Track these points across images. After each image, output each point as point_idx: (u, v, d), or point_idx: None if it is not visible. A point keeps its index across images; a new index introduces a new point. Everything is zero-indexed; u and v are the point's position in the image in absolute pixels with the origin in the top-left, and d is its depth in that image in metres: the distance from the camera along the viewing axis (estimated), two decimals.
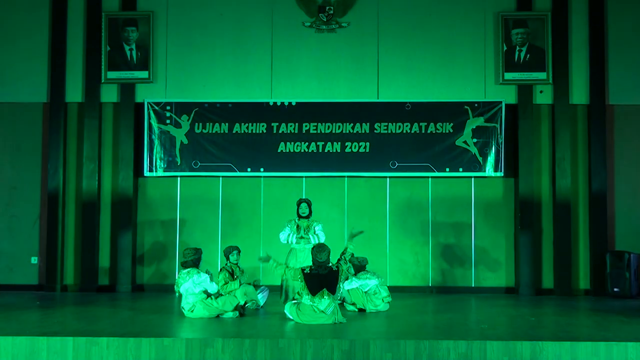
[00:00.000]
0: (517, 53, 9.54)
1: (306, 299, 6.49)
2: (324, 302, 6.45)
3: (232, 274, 7.62)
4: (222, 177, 9.60)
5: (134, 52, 9.63)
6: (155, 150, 9.58)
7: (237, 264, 7.77)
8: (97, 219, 9.64)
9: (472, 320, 7.12)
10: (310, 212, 7.73)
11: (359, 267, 7.48)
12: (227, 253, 7.82)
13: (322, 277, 6.52)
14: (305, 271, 6.61)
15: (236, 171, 9.56)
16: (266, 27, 9.63)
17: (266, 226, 9.49)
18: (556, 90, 9.56)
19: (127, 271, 9.47)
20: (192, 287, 6.84)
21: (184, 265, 7.03)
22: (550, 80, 9.53)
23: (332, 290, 6.49)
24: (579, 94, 9.57)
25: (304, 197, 7.74)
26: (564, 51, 9.58)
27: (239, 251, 7.86)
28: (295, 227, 7.67)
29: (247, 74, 9.64)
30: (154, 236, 9.75)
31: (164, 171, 9.61)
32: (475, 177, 9.58)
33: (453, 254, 9.65)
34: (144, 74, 9.62)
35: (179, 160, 9.58)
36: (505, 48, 9.53)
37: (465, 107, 9.51)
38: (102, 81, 9.66)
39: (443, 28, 9.63)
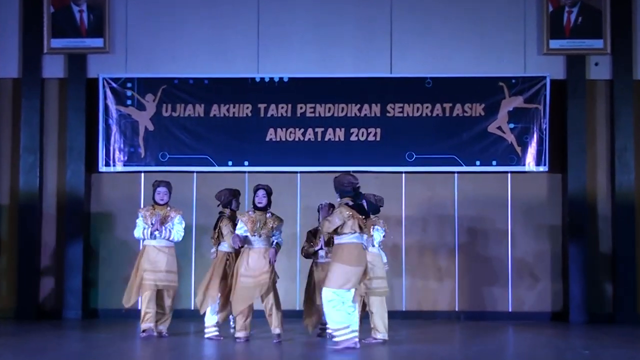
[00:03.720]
0: (566, 15, 9.48)
1: None
2: None
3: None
4: (197, 172, 9.57)
5: (84, 15, 9.54)
6: (113, 139, 9.52)
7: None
8: (37, 226, 9.52)
9: (510, 353, 7.07)
10: (269, 202, 7.39)
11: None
12: (226, 200, 7.64)
13: None
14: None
15: (214, 165, 9.52)
16: None
17: None
18: (616, 63, 9.47)
19: (77, 293, 9.35)
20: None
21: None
22: (609, 49, 9.46)
23: None
24: None
25: (262, 184, 7.51)
26: (627, 12, 9.48)
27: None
28: (249, 222, 7.26)
29: (227, 42, 9.59)
30: (111, 248, 9.65)
31: (124, 165, 9.56)
32: (512, 172, 9.54)
33: (485, 269, 9.58)
34: (97, 42, 9.53)
35: (142, 151, 9.54)
36: (551, 9, 9.48)
37: (500, 83, 9.48)
38: (45, 51, 9.55)
39: None
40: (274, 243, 7.22)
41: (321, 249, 7.52)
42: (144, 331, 7.38)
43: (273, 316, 7.15)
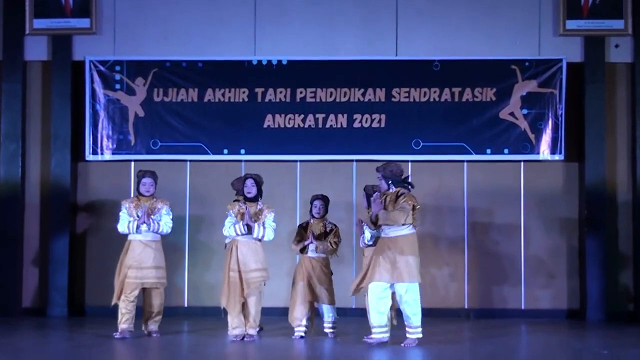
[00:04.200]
0: None
1: None
2: None
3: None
4: (190, 161, 9.56)
5: None
6: (100, 126, 9.51)
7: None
8: (20, 218, 9.48)
9: (523, 354, 7.07)
10: (260, 192, 7.47)
11: None
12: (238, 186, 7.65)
13: None
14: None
15: (209, 153, 9.52)
16: None
17: None
18: (637, 44, 9.42)
19: (62, 289, 9.32)
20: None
21: None
22: (630, 30, 9.40)
23: None
24: None
25: (250, 173, 7.59)
26: None
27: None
28: (239, 214, 7.34)
29: (222, 22, 9.59)
30: (99, 241, 9.58)
31: (113, 153, 9.56)
32: (525, 161, 9.53)
33: (497, 264, 9.54)
34: (83, 23, 9.50)
35: (132, 138, 9.54)
36: None
37: (513, 66, 9.47)
38: (27, 32, 9.52)
39: None
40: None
41: (311, 242, 7.46)
42: (120, 332, 7.29)
43: (252, 315, 7.19)
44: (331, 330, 7.48)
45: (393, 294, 7.02)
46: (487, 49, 9.44)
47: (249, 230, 7.16)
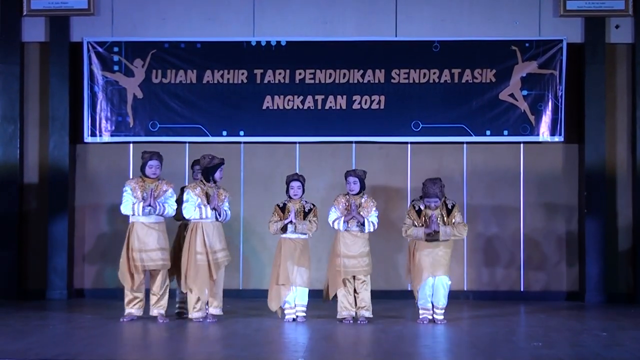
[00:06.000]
0: None
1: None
2: None
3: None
4: (189, 142, 9.51)
5: None
6: (99, 107, 9.49)
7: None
8: (18, 200, 9.43)
9: (522, 335, 7.11)
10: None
11: None
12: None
13: None
14: None
15: (207, 135, 9.50)
16: None
17: (247, 208, 9.43)
18: (638, 25, 9.33)
19: (62, 272, 9.30)
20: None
21: None
22: (630, 11, 9.32)
23: None
24: None
25: (219, 158, 7.65)
26: None
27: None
28: (201, 195, 7.43)
29: (221, 2, 9.55)
30: (98, 224, 9.59)
31: (112, 135, 9.53)
32: (525, 142, 9.48)
33: (496, 247, 9.51)
34: (81, 3, 9.46)
35: (131, 120, 9.52)
36: None
37: (513, 47, 9.42)
38: (24, 13, 9.48)
39: None
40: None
41: (291, 221, 7.39)
42: (127, 315, 7.32)
43: (219, 295, 7.33)
44: (302, 314, 7.39)
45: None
46: (487, 30, 9.37)
47: (218, 214, 7.32)
